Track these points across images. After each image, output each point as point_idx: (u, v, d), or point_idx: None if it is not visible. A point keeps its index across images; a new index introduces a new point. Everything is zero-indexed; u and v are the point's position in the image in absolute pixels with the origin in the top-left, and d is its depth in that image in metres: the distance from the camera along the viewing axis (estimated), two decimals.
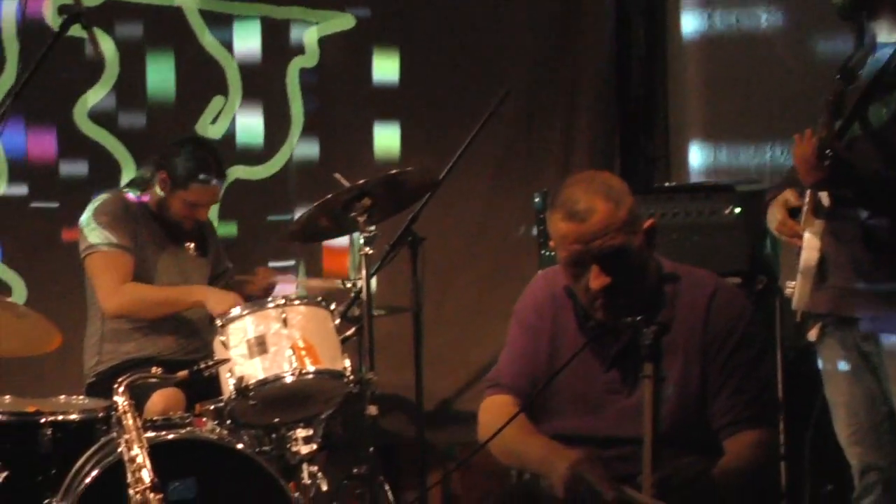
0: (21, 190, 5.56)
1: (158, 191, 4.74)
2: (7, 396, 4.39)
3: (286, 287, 5.02)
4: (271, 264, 5.52)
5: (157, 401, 4.34)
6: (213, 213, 5.31)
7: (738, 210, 4.64)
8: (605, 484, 2.85)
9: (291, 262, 5.72)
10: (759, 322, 3.22)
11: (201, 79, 5.69)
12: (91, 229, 4.66)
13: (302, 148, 5.79)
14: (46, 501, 3.93)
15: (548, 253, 4.77)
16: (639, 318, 2.85)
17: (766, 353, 3.22)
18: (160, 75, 5.65)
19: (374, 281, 4.40)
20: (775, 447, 3.14)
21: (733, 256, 4.59)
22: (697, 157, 5.72)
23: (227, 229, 5.57)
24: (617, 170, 5.81)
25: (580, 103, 5.94)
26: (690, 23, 5.76)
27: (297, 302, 4.15)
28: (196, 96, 5.68)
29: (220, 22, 5.70)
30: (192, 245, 4.89)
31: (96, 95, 5.57)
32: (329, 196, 4.27)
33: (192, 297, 4.66)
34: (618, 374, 3.08)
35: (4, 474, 3.93)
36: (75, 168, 5.59)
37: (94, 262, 4.66)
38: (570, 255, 3.00)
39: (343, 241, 5.38)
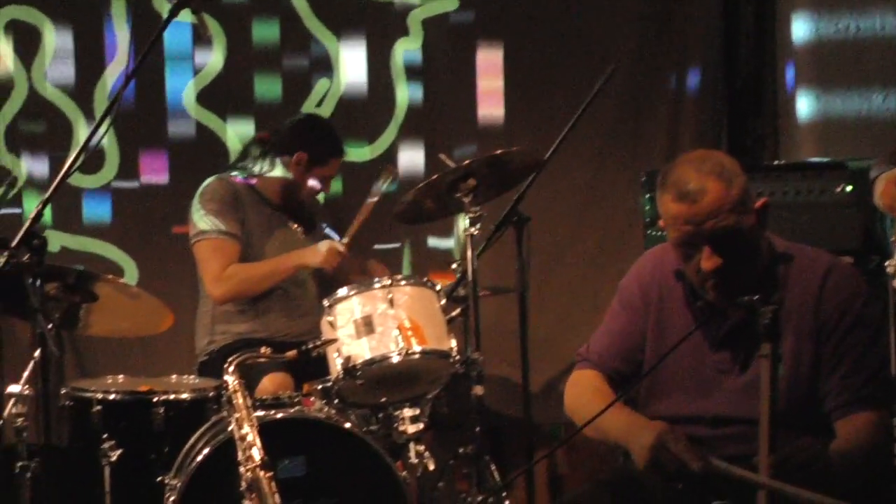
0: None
1: (284, 172, 4.81)
2: (121, 376, 4.49)
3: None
4: (377, 246, 5.56)
5: (267, 385, 4.40)
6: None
7: (849, 188, 4.55)
8: (690, 454, 2.83)
9: (397, 245, 5.75)
10: (874, 302, 3.14)
11: (307, 60, 5.72)
12: (200, 216, 4.73)
13: (406, 129, 5.80)
14: (159, 478, 4.02)
15: (654, 233, 4.73)
16: (756, 297, 2.80)
17: (882, 333, 3.16)
18: (266, 57, 5.70)
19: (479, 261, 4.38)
20: (889, 429, 3.07)
21: (845, 235, 4.50)
22: (807, 134, 5.61)
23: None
24: (724, 148, 5.73)
25: (687, 81, 5.87)
26: None
27: (403, 282, 4.15)
28: (300, 81, 5.73)
29: (325, 4, 5.73)
30: (299, 226, 4.94)
31: (203, 80, 5.65)
32: (434, 177, 4.27)
33: (291, 261, 4.72)
34: (728, 354, 3.04)
35: (119, 452, 4.02)
36: (184, 149, 5.68)
37: (202, 249, 4.74)
38: (680, 235, 2.96)
39: None
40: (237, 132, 5.65)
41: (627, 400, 3.12)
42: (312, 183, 4.86)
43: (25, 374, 3.76)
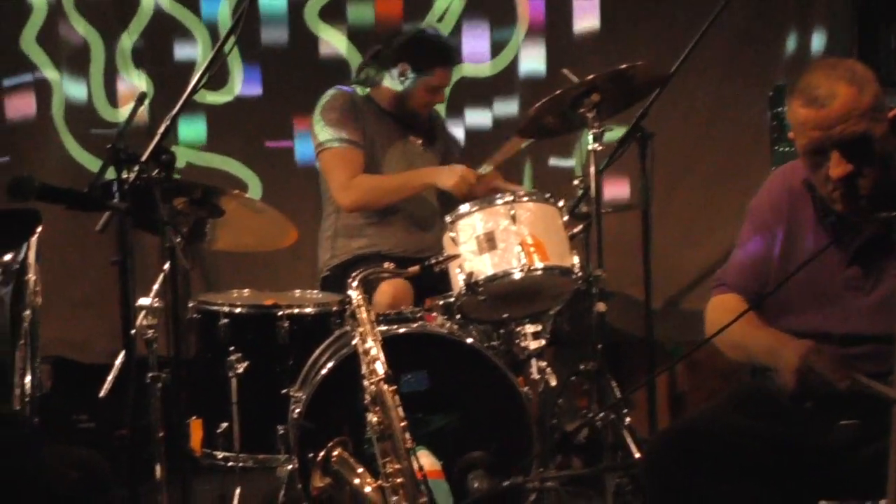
0: (255, 90, 5.70)
1: (394, 84, 4.81)
2: (246, 290, 4.56)
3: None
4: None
5: (386, 289, 4.41)
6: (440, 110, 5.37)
7: None
8: (837, 373, 2.79)
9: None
10: None
11: None
12: (321, 127, 4.76)
13: (528, 46, 5.74)
14: (284, 391, 4.09)
15: (781, 149, 4.63)
16: (893, 213, 2.73)
17: None
18: None
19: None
20: None
21: None
22: None
23: (453, 129, 5.59)
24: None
25: None
26: None
27: (525, 199, 4.13)
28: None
29: None
30: (419, 138, 4.94)
31: None
32: (558, 92, 4.22)
33: (421, 179, 4.73)
34: (859, 269, 2.98)
35: (245, 364, 4.10)
36: (305, 61, 5.69)
37: (327, 159, 4.76)
38: (809, 142, 2.89)
39: None
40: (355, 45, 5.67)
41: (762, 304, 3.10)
42: (421, 93, 4.83)
43: (155, 287, 3.84)
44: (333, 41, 5.69)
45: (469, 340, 4.01)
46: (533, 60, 5.76)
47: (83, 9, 5.53)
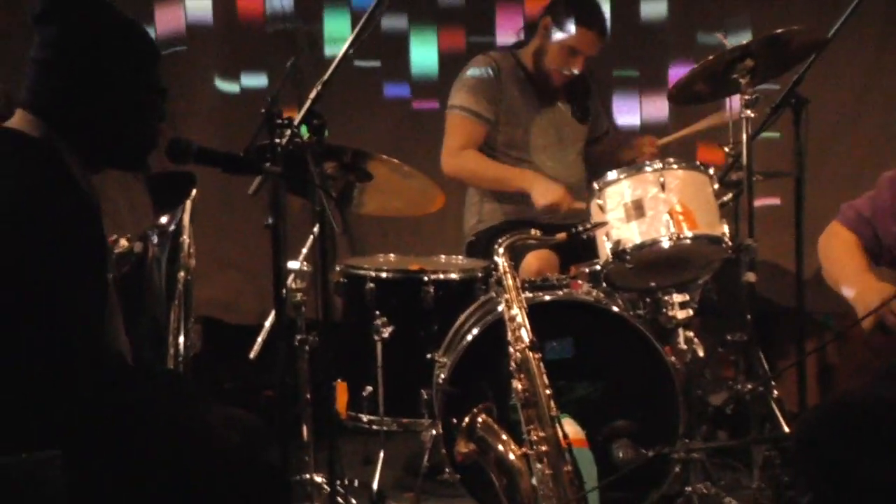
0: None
1: (538, 41, 4.76)
2: (391, 255, 4.59)
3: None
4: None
5: (531, 261, 4.40)
6: None
7: None
8: None
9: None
10: None
11: None
12: (456, 89, 4.79)
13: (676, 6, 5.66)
14: (429, 355, 4.11)
15: None
16: None
17: None
18: None
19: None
20: None
21: None
22: None
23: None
24: None
25: None
26: None
27: (675, 166, 4.06)
28: None
29: None
30: (568, 106, 4.89)
31: None
32: (711, 57, 4.13)
33: (520, 181, 4.69)
34: None
35: (390, 329, 4.12)
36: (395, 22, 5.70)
37: (448, 120, 4.81)
38: None
39: None
40: None
41: (873, 257, 3.26)
42: (556, 52, 4.75)
43: (304, 250, 3.88)
44: None
45: (615, 308, 3.97)
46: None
47: None
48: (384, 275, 4.27)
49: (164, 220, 3.40)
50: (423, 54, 5.73)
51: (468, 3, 5.73)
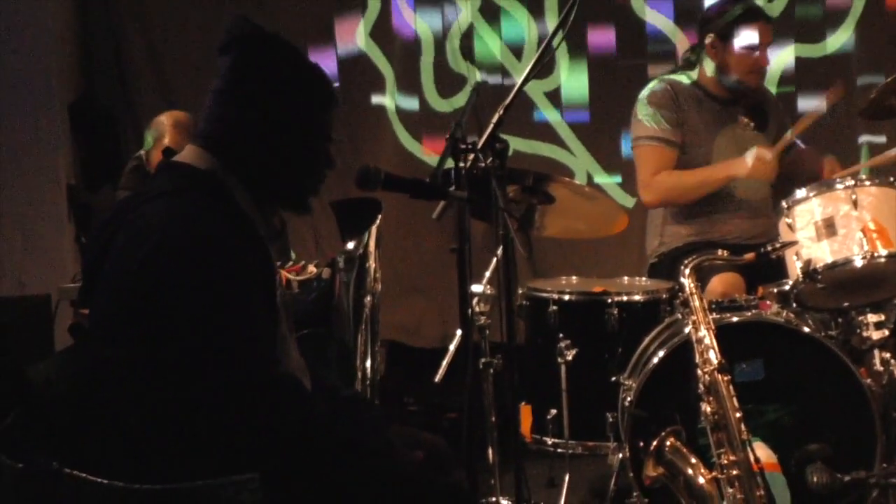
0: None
1: (710, 63, 4.68)
2: (574, 277, 4.57)
3: None
4: (862, 139, 5.41)
5: (717, 284, 4.33)
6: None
7: None
8: None
9: (882, 139, 5.49)
10: None
11: None
12: (637, 120, 4.70)
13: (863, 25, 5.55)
14: (614, 378, 4.06)
15: None
16: None
17: None
18: None
19: None
20: None
21: None
22: None
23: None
24: None
25: None
26: None
27: (867, 183, 3.95)
28: None
29: None
30: (749, 120, 4.80)
31: None
32: None
33: (719, 172, 4.59)
34: None
35: (574, 351, 4.09)
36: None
37: (636, 154, 4.73)
38: None
39: None
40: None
41: None
42: (736, 60, 4.64)
43: (486, 273, 3.89)
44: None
45: (806, 329, 3.87)
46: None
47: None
48: (567, 297, 4.24)
49: (350, 245, 3.46)
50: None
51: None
